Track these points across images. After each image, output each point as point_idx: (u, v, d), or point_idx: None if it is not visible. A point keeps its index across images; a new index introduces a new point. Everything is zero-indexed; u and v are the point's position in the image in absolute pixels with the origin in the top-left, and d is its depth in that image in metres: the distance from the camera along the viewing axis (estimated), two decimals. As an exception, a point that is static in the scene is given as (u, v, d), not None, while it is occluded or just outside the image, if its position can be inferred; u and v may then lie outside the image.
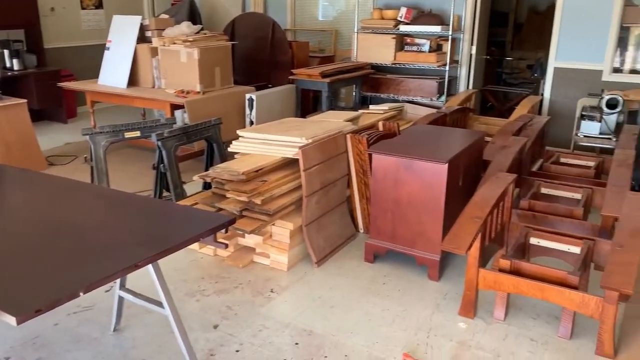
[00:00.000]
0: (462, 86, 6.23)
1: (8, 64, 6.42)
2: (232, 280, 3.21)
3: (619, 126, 4.83)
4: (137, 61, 5.65)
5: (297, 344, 2.62)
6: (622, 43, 5.31)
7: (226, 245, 2.33)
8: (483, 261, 2.86)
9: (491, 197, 2.91)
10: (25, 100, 5.04)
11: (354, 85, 6.27)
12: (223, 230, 2.17)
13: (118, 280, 2.57)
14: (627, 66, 5.35)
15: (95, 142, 3.97)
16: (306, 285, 3.16)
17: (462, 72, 6.20)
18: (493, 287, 2.74)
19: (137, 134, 4.10)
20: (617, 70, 5.36)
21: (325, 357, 2.53)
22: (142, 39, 5.70)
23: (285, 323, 2.79)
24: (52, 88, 6.43)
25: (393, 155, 3.20)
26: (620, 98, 4.72)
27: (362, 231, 3.86)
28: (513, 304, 2.94)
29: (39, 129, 6.23)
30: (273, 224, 3.30)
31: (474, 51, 6.16)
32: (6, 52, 6.43)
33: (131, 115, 7.07)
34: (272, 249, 3.34)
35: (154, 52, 5.50)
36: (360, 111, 4.70)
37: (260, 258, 3.40)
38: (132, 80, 5.66)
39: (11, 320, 1.47)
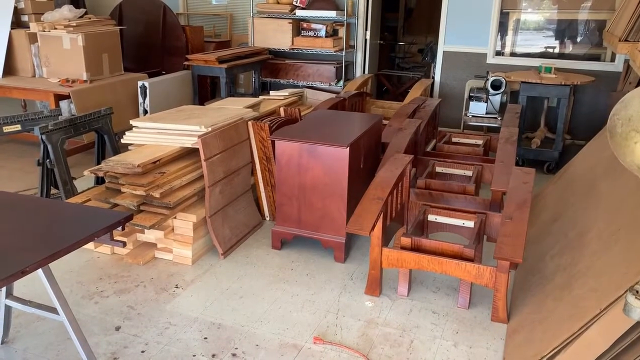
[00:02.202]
0: (358, 71, 6.36)
1: None
2: (133, 279, 3.06)
3: (503, 106, 5.18)
4: (12, 48, 5.17)
5: (206, 338, 2.56)
6: (502, 27, 5.67)
7: (124, 244, 2.21)
8: (385, 240, 2.96)
9: (391, 178, 3.00)
10: None
11: (253, 71, 6.18)
12: (120, 228, 2.05)
13: (4, 289, 2.35)
14: (508, 49, 5.74)
15: (-32, 138, 3.59)
16: (213, 278, 3.09)
17: (358, 57, 6.32)
18: (396, 264, 2.84)
19: (18, 127, 3.76)
20: (499, 53, 5.73)
21: (236, 348, 2.49)
22: (17, 23, 5.21)
23: (193, 318, 2.71)
24: None
25: (296, 141, 3.20)
26: (503, 79, 5.05)
27: (268, 219, 3.84)
28: (415, 280, 3.06)
29: None
30: (174, 217, 3.18)
31: (368, 36, 6.30)
32: None
33: (10, 107, 6.47)
34: (174, 243, 3.22)
35: (33, 38, 5.06)
36: (261, 97, 4.64)
37: (163, 253, 3.27)
38: (9, 69, 5.18)
39: None
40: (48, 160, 3.53)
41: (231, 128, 3.46)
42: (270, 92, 4.96)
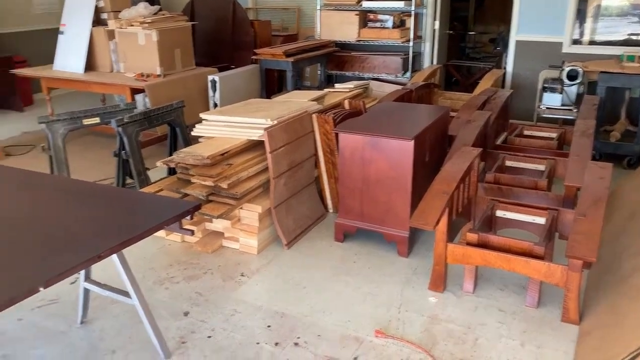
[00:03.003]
0: (426, 62, 6.24)
1: (-45, 52, 6.13)
2: (202, 266, 3.17)
3: (579, 97, 4.92)
4: (93, 45, 5.46)
5: (269, 326, 2.61)
6: (580, 15, 5.37)
7: (192, 232, 2.29)
8: (451, 235, 2.89)
9: (457, 172, 2.92)
10: (-24, 89, 4.83)
11: (319, 64, 6.20)
12: (188, 217, 2.12)
13: (83, 272, 2.50)
14: (586, 37, 5.43)
15: (53, 131, 3.83)
16: (277, 268, 3.14)
17: (426, 48, 6.20)
18: (461, 260, 2.78)
19: (97, 120, 3.97)
20: (576, 42, 5.43)
21: (298, 337, 2.53)
22: (97, 21, 5.50)
23: (257, 306, 2.77)
24: (4, 75, 6.16)
25: (359, 133, 3.19)
26: (580, 69, 4.79)
27: (331, 211, 3.86)
28: (481, 277, 2.98)
29: (-6, 118, 6.00)
30: (241, 208, 3.26)
31: (437, 26, 6.16)
32: (-47, 38, 6.13)
33: (90, 101, 6.86)
34: (241, 233, 3.30)
35: (111, 35, 5.32)
36: (326, 90, 4.66)
37: (230, 242, 3.36)
38: (90, 65, 5.47)
39: (-33, 320, 1.41)
40: (124, 151, 3.71)
41: (296, 121, 3.49)
42: (335, 84, 4.96)
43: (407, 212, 3.16)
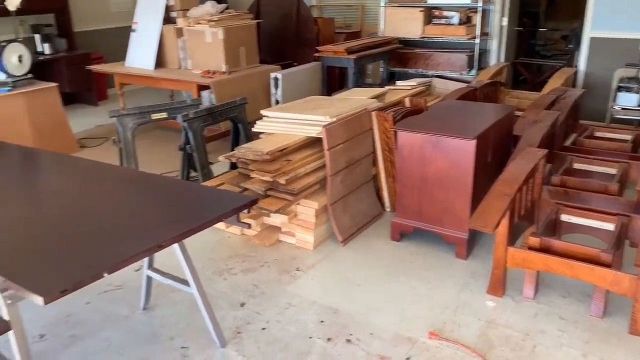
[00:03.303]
0: (493, 59, 6.07)
1: (39, 49, 6.52)
2: (259, 259, 3.23)
3: (658, 97, 4.63)
4: (163, 42, 5.67)
5: (322, 321, 2.63)
6: (662, 9, 5.05)
7: (249, 226, 2.34)
8: (512, 239, 2.80)
9: (521, 173, 2.83)
10: (56, 84, 5.12)
11: (382, 61, 6.16)
12: (245, 211, 2.17)
13: (146, 260, 2.61)
14: (668, 34, 5.10)
15: (123, 124, 4.02)
16: (332, 264, 3.16)
17: (493, 45, 6.02)
18: (522, 265, 2.69)
19: (164, 115, 4.13)
20: (657, 39, 5.11)
21: (351, 334, 2.53)
22: (167, 19, 5.71)
23: (311, 301, 2.80)
24: (82, 71, 6.51)
25: (419, 132, 3.14)
26: (660, 68, 4.51)
27: (388, 209, 3.83)
28: (542, 282, 2.87)
29: (71, 112, 6.35)
30: (298, 204, 3.30)
31: (505, 23, 5.97)
32: (37, 36, 6.53)
33: (160, 96, 7.13)
34: (297, 228, 3.34)
35: (180, 32, 5.51)
36: (387, 87, 4.62)
37: (286, 237, 3.41)
38: (159, 62, 5.69)
39: (38, 300, 1.51)
40: (188, 145, 3.84)
41: (355, 118, 3.49)
42: (397, 82, 4.91)
43: (466, 214, 3.09)
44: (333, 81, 6.25)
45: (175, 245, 2.29)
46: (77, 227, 1.97)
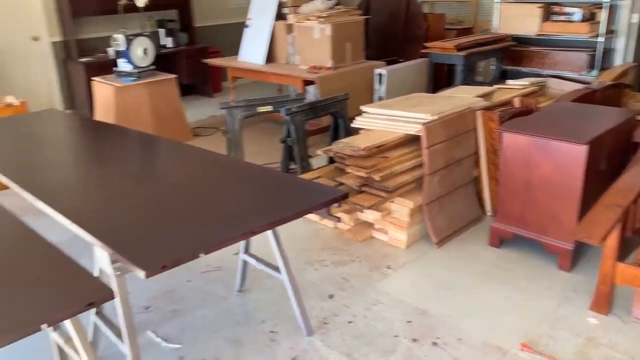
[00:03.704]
0: (618, 59, 5.60)
1: (163, 42, 7.03)
2: (350, 253, 3.26)
3: None
4: (274, 38, 5.87)
5: (409, 322, 2.61)
6: None
7: (339, 219, 2.37)
8: (623, 254, 2.59)
9: (636, 184, 2.60)
10: (175, 76, 5.49)
11: (494, 59, 5.91)
12: (336, 204, 2.20)
13: (243, 245, 2.74)
14: None
15: (232, 116, 4.22)
16: (424, 265, 3.11)
17: (620, 44, 5.56)
18: (632, 282, 2.47)
19: (269, 108, 4.28)
20: None
21: (438, 338, 2.48)
22: (279, 16, 5.90)
23: (400, 300, 2.78)
24: (199, 64, 6.93)
25: (525, 134, 2.99)
26: None
27: (489, 214, 3.69)
28: (657, 304, 2.62)
29: (188, 102, 6.79)
30: (392, 201, 3.28)
31: (635, 19, 5.48)
32: (162, 31, 7.04)
33: (270, 90, 7.40)
34: (390, 226, 3.32)
35: (290, 29, 5.67)
36: (495, 86, 4.44)
37: (379, 234, 3.41)
38: (270, 57, 5.89)
39: (141, 274, 1.64)
40: (289, 138, 3.96)
41: (458, 117, 3.39)
42: (508, 80, 4.69)
43: (573, 223, 2.90)
44: (440, 78, 6.11)
45: (269, 233, 2.38)
46: (182, 209, 2.11)
